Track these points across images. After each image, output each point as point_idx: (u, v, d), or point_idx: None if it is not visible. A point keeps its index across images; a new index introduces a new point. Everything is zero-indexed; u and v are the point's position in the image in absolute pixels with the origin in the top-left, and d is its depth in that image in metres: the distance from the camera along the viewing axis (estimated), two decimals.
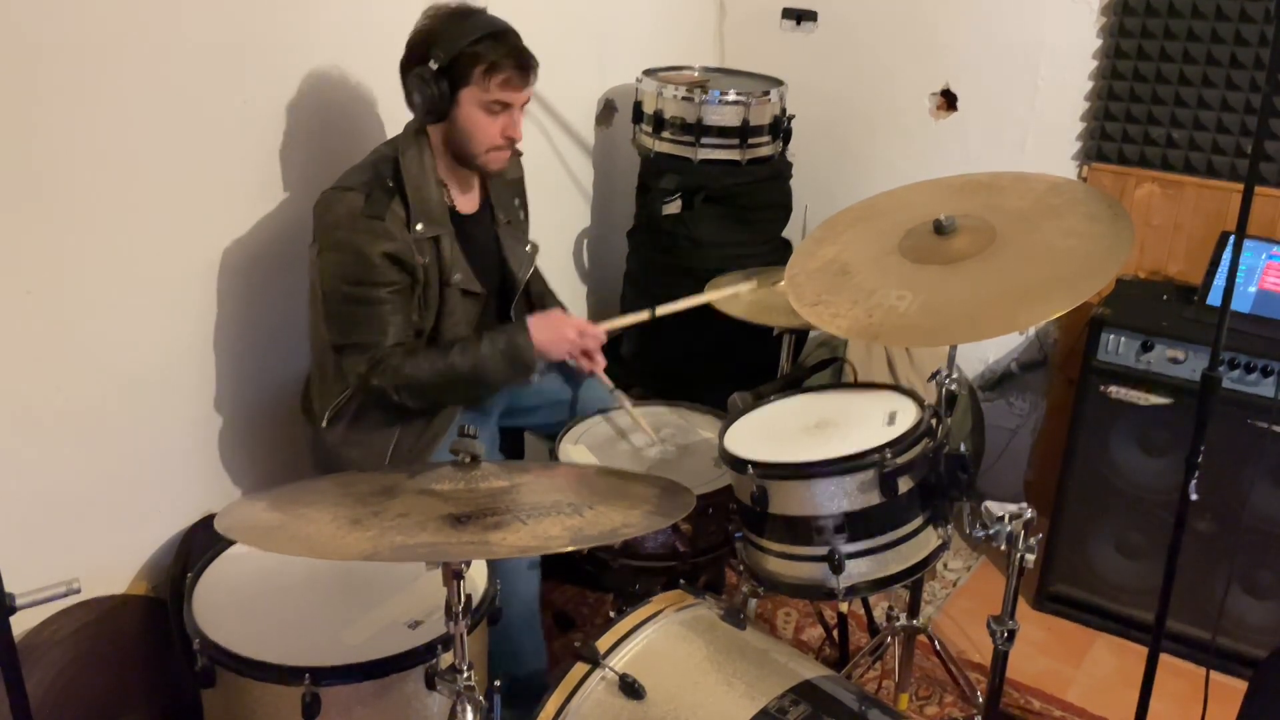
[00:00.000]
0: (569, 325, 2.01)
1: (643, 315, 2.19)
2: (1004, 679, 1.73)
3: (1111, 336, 2.38)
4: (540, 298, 2.28)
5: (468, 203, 2.03)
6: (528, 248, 2.16)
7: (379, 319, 1.85)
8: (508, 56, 1.84)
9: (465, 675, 1.35)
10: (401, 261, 1.84)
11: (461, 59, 1.81)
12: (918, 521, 1.64)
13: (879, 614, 2.42)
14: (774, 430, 1.77)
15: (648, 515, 1.34)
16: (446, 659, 1.47)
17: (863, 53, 3.03)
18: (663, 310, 2.20)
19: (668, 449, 2.07)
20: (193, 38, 1.92)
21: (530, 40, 1.90)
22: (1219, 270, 2.44)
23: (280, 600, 1.65)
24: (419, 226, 1.86)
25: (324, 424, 1.97)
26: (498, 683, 1.48)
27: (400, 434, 1.96)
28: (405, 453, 1.95)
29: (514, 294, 2.13)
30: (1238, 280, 1.65)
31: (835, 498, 1.59)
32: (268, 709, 1.51)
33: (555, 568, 2.33)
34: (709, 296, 2.28)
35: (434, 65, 1.81)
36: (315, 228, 1.89)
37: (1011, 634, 1.65)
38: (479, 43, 1.82)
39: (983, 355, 3.02)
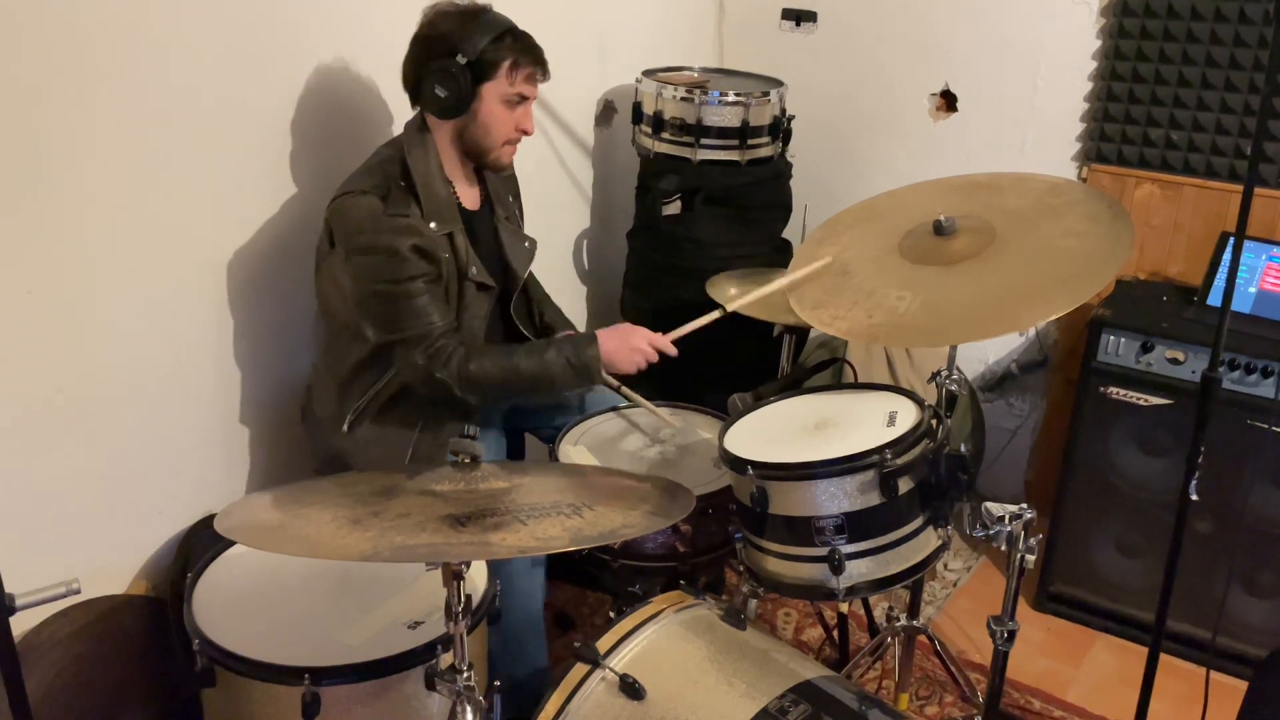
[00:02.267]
0: (638, 335, 1.98)
1: (714, 314, 2.01)
2: (1004, 679, 1.73)
3: (1111, 337, 2.38)
4: (539, 303, 2.29)
5: (471, 199, 2.04)
6: (526, 244, 2.17)
7: (421, 309, 1.86)
8: (530, 52, 1.90)
9: (465, 675, 1.35)
10: (429, 254, 1.86)
11: (488, 54, 1.85)
12: (918, 522, 1.64)
13: (879, 614, 2.42)
14: (774, 431, 1.77)
15: (647, 516, 1.34)
16: (446, 659, 1.47)
17: (863, 53, 3.03)
18: (735, 306, 2.02)
19: (668, 449, 2.07)
20: (195, 38, 1.92)
21: None
22: (1219, 271, 2.44)
23: (280, 600, 1.65)
24: (433, 224, 1.88)
25: (345, 428, 1.97)
26: (498, 683, 1.48)
27: (420, 432, 1.97)
28: (425, 450, 1.96)
29: (514, 289, 2.14)
30: (1237, 281, 1.65)
31: (835, 498, 1.59)
32: (268, 709, 1.51)
33: (555, 568, 2.33)
34: (784, 282, 1.97)
35: (461, 60, 1.83)
36: (336, 235, 1.90)
37: (1011, 634, 1.65)
38: (501, 39, 1.86)
39: (983, 356, 3.02)
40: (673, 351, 2.01)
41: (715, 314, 2.02)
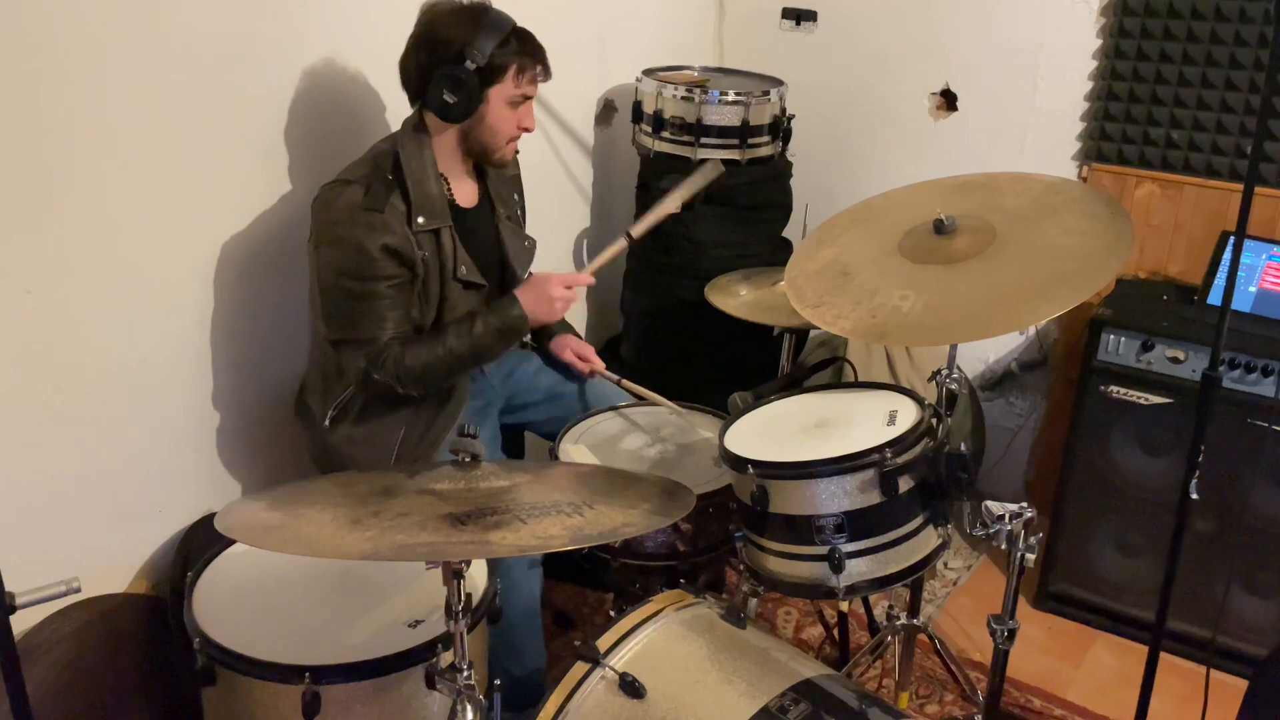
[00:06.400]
0: (552, 284, 2.01)
1: (620, 243, 2.18)
2: (1004, 678, 1.73)
3: (1112, 336, 2.38)
4: None
5: (467, 197, 2.04)
6: (526, 243, 2.17)
7: (377, 314, 1.85)
8: (534, 54, 1.91)
9: (465, 674, 1.35)
10: (400, 255, 1.85)
11: (497, 58, 1.85)
12: (918, 521, 1.64)
13: (879, 613, 2.42)
14: (774, 430, 1.77)
15: (648, 515, 1.34)
16: (446, 658, 1.47)
17: (863, 53, 3.03)
18: (636, 230, 2.21)
19: (668, 448, 2.07)
20: (190, 37, 1.92)
21: None
22: (1219, 270, 2.44)
23: (280, 599, 1.65)
24: (419, 220, 1.87)
25: (326, 423, 1.97)
26: (498, 682, 1.48)
27: (405, 431, 1.96)
28: (410, 449, 1.96)
29: (512, 288, 2.13)
30: (1238, 280, 1.65)
31: (835, 497, 1.59)
32: (268, 708, 1.51)
33: (555, 567, 2.33)
34: (674, 203, 2.27)
35: (471, 65, 1.83)
36: (314, 223, 1.90)
37: (1012, 633, 1.66)
38: (507, 43, 1.86)
39: (983, 355, 3.02)
40: (591, 282, 2.10)
41: (621, 242, 2.17)
